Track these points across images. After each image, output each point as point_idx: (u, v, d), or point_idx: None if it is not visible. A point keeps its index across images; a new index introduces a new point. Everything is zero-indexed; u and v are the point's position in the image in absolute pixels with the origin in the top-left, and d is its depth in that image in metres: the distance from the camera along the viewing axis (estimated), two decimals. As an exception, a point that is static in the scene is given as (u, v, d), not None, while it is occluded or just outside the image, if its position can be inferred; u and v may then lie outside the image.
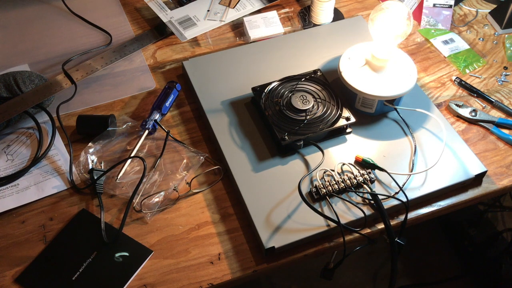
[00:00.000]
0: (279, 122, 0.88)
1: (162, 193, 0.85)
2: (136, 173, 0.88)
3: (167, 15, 1.12)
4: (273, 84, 0.93)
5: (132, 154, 0.89)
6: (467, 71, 1.07)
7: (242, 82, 0.98)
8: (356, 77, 0.91)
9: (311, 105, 0.89)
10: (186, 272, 0.78)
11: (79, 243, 0.81)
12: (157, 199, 0.85)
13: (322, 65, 1.01)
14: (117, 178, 0.87)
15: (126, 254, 0.80)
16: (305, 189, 0.84)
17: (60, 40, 1.11)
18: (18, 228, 0.83)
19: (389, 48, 0.92)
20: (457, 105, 0.99)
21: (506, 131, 0.96)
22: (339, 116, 0.89)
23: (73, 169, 0.89)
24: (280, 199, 0.83)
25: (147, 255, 0.79)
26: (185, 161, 0.90)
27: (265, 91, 0.92)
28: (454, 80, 1.04)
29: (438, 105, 1.00)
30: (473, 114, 0.97)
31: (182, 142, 0.92)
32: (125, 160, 0.88)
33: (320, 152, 0.88)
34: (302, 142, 0.87)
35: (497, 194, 0.90)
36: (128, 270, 0.78)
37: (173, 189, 0.86)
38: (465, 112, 0.98)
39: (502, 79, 1.06)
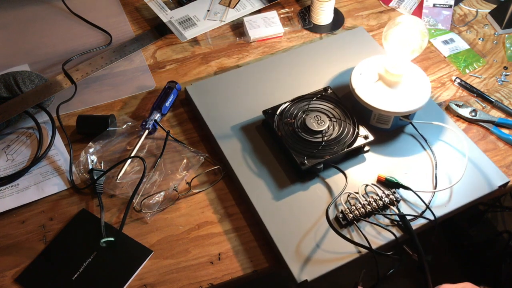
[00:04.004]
0: (295, 145, 0.84)
1: (162, 193, 0.85)
2: (136, 173, 0.88)
3: (167, 15, 1.12)
4: (284, 106, 0.90)
5: (132, 154, 0.89)
6: (467, 71, 1.07)
7: (250, 104, 0.94)
8: (371, 93, 0.88)
9: (327, 125, 0.86)
10: (186, 272, 0.78)
11: (79, 243, 0.81)
12: (157, 199, 0.85)
13: (329, 81, 0.99)
14: (117, 178, 0.87)
15: (126, 254, 0.80)
16: (330, 214, 0.81)
17: (60, 40, 1.11)
18: (18, 228, 0.83)
19: (404, 63, 0.89)
20: (457, 105, 0.99)
21: (506, 131, 0.96)
22: (357, 135, 0.86)
23: (73, 169, 0.89)
24: (306, 228, 0.80)
25: (147, 255, 0.79)
26: (185, 161, 0.90)
27: (277, 113, 0.89)
28: (454, 80, 1.04)
29: (439, 105, 0.99)
30: (473, 114, 0.97)
31: (182, 142, 0.92)
32: (125, 160, 0.88)
33: (340, 173, 0.85)
34: (322, 166, 0.84)
35: (497, 194, 0.90)
36: (128, 270, 0.78)
37: (173, 189, 0.86)
38: (465, 112, 0.98)
39: (502, 79, 1.06)
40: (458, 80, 1.04)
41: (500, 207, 1.54)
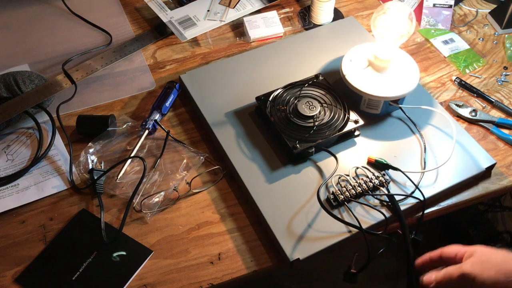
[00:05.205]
0: (288, 130, 0.86)
1: (162, 193, 0.85)
2: (136, 173, 0.88)
3: (167, 15, 1.12)
4: (276, 92, 0.92)
5: (132, 154, 0.89)
6: (467, 71, 1.07)
7: (243, 91, 0.96)
8: (361, 79, 0.91)
9: (318, 110, 0.88)
10: (186, 272, 0.78)
11: (79, 243, 0.81)
12: (157, 199, 0.85)
13: (320, 68, 1.01)
14: (117, 178, 0.87)
15: (126, 254, 0.80)
16: (322, 196, 0.82)
17: (60, 40, 1.11)
18: (18, 228, 0.83)
19: (392, 49, 0.92)
20: (457, 105, 0.99)
21: (506, 131, 0.96)
22: (347, 120, 0.88)
23: (73, 169, 0.89)
24: (297, 209, 0.81)
25: (147, 255, 0.80)
26: (185, 161, 0.90)
27: (270, 99, 0.90)
28: (454, 80, 1.04)
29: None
30: (473, 114, 0.97)
31: (182, 142, 0.92)
32: (125, 160, 0.88)
33: (331, 157, 0.87)
34: (313, 149, 0.86)
35: (497, 194, 0.90)
36: (128, 270, 0.78)
37: (173, 189, 0.86)
38: (465, 112, 0.98)
39: (502, 79, 1.06)
40: (458, 80, 1.04)
41: (500, 207, 1.54)
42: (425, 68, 1.07)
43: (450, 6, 1.18)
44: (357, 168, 0.85)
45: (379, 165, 0.86)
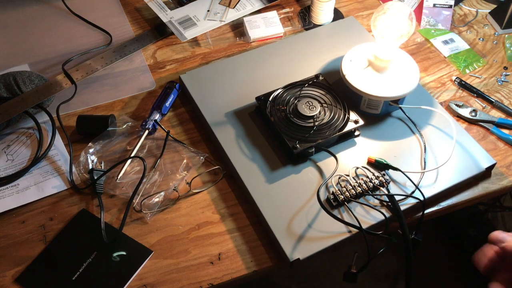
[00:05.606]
0: (288, 130, 0.86)
1: (162, 193, 0.85)
2: (136, 173, 0.88)
3: (167, 15, 1.12)
4: (276, 92, 0.92)
5: (132, 154, 0.89)
6: (467, 71, 1.07)
7: (243, 92, 0.96)
8: (361, 79, 0.91)
9: (318, 111, 0.88)
10: (186, 272, 0.78)
11: (79, 243, 0.81)
12: (157, 199, 0.85)
13: (320, 69, 1.01)
14: (117, 178, 0.87)
15: (126, 254, 0.80)
16: (322, 196, 0.82)
17: (60, 40, 1.11)
18: (18, 228, 0.83)
19: (392, 49, 0.92)
20: (457, 105, 0.99)
21: (506, 131, 0.96)
22: (347, 120, 0.88)
23: (73, 169, 0.89)
24: (297, 209, 0.81)
25: (147, 255, 0.80)
26: (185, 161, 0.90)
27: (270, 99, 0.91)
28: (454, 80, 1.04)
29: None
30: (473, 114, 0.97)
31: (182, 142, 0.92)
32: (125, 160, 0.88)
33: (331, 157, 0.87)
34: (313, 149, 0.86)
35: (497, 194, 0.90)
36: (128, 270, 0.78)
37: (173, 189, 0.86)
38: (465, 112, 0.98)
39: (502, 79, 1.06)
40: (458, 80, 1.04)
41: (500, 207, 1.54)
42: (425, 68, 1.07)
43: (450, 6, 1.18)
44: (357, 168, 0.86)
45: (379, 165, 0.86)
